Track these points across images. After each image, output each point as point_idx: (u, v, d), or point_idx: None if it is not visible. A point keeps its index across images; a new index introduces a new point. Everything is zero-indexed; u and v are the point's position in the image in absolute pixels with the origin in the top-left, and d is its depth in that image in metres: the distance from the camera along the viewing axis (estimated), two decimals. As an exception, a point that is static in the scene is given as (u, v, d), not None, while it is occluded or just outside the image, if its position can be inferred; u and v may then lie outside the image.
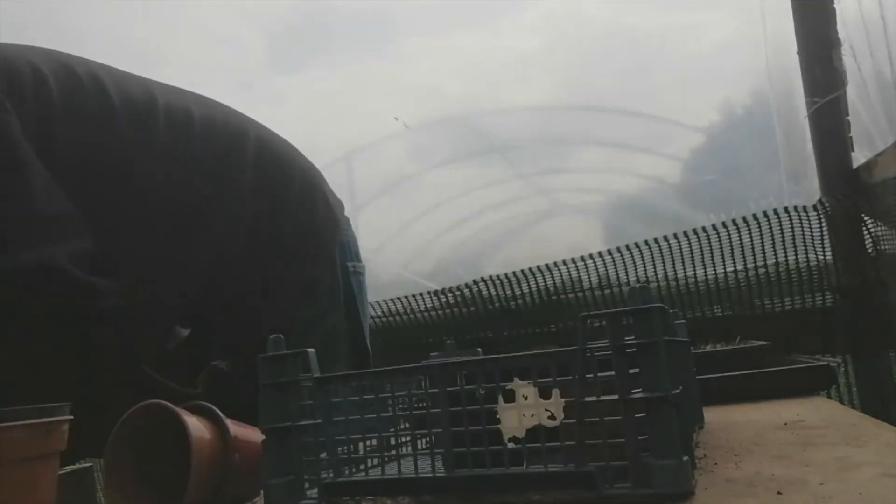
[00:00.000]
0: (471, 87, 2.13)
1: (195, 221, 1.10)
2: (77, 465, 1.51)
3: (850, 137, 1.71)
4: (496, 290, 1.83)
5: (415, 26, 2.33)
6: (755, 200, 1.94)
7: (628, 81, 2.19)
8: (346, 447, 0.57)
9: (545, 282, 1.78)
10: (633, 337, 0.48)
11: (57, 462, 0.62)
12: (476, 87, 2.14)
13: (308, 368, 0.58)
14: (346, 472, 0.57)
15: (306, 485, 0.57)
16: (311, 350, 0.59)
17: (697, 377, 0.79)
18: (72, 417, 0.62)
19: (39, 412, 0.60)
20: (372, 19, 2.37)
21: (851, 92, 1.68)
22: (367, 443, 0.58)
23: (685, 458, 0.46)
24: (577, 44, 2.15)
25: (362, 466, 0.59)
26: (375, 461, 0.59)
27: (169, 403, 0.68)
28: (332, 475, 0.57)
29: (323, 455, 0.58)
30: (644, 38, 2.20)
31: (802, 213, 1.61)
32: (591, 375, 0.48)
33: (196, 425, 0.67)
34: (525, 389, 0.50)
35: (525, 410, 0.50)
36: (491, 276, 1.82)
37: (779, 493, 0.46)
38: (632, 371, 0.47)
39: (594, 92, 2.14)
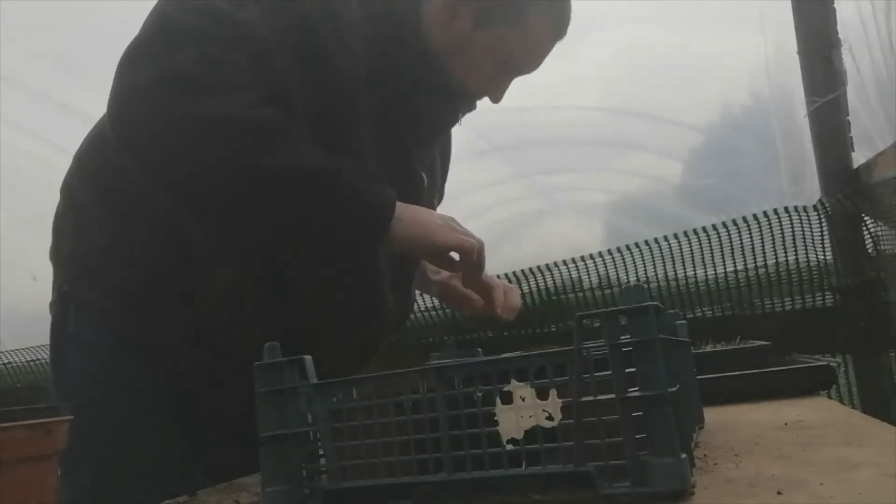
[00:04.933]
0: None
1: None
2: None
3: (850, 137, 1.71)
4: (496, 290, 1.82)
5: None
6: (756, 201, 1.94)
7: (631, 83, 2.19)
8: (344, 454, 0.57)
9: (545, 282, 1.78)
10: (628, 336, 0.48)
11: (57, 462, 0.62)
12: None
13: (305, 375, 0.58)
14: (346, 478, 0.57)
15: (306, 491, 0.57)
16: (307, 357, 0.59)
17: (698, 377, 0.79)
18: (71, 417, 0.62)
19: (39, 412, 0.59)
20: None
21: (851, 92, 1.68)
22: (367, 448, 0.58)
23: (683, 455, 0.46)
24: (595, 53, 2.14)
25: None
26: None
27: None
28: (331, 482, 0.57)
29: (322, 462, 0.58)
30: (650, 44, 2.20)
31: (802, 214, 1.61)
32: (587, 375, 0.48)
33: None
34: (522, 391, 0.50)
35: (522, 412, 0.50)
36: (491, 277, 1.81)
37: (779, 493, 0.46)
38: (628, 370, 0.47)
39: (597, 94, 2.15)
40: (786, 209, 1.61)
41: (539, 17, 1.10)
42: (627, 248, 1.71)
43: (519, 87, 1.16)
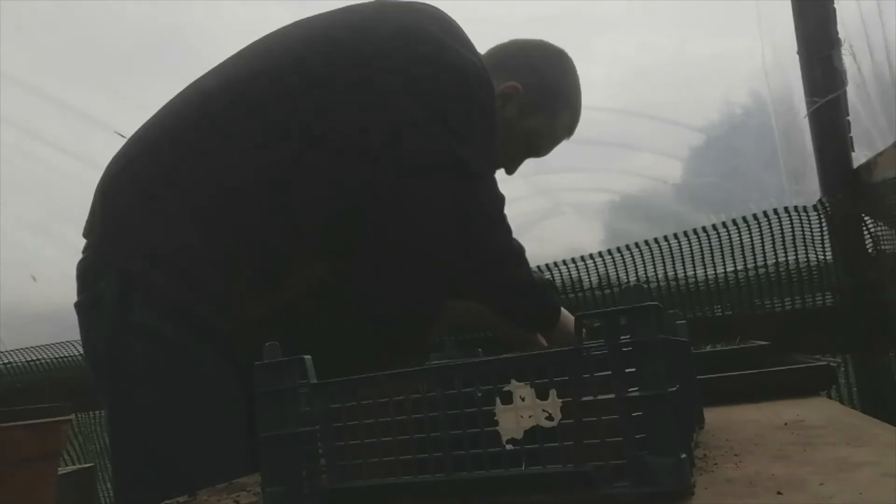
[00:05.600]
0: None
1: None
2: (77, 466, 1.52)
3: (851, 137, 1.71)
4: (496, 290, 1.82)
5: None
6: (756, 201, 1.94)
7: (632, 84, 2.19)
8: (345, 454, 0.57)
9: (545, 282, 1.78)
10: (628, 336, 0.48)
11: (57, 462, 0.62)
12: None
13: (305, 375, 0.58)
14: (346, 478, 0.57)
15: (306, 491, 0.57)
16: (307, 357, 0.59)
17: (698, 377, 0.79)
18: (70, 417, 0.62)
19: (39, 412, 0.60)
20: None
21: (851, 92, 1.68)
22: (367, 448, 0.58)
23: (683, 455, 0.46)
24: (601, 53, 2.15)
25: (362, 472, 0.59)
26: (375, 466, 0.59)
27: None
28: (331, 482, 0.56)
29: (322, 462, 0.58)
30: (651, 45, 2.20)
31: (802, 213, 1.61)
32: (587, 375, 0.48)
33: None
34: (522, 391, 0.50)
35: (522, 412, 0.50)
36: (491, 277, 1.81)
37: (779, 493, 0.46)
38: (628, 370, 0.47)
39: (599, 95, 2.15)
40: (786, 209, 1.61)
41: (566, 115, 1.42)
42: (627, 248, 1.71)
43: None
